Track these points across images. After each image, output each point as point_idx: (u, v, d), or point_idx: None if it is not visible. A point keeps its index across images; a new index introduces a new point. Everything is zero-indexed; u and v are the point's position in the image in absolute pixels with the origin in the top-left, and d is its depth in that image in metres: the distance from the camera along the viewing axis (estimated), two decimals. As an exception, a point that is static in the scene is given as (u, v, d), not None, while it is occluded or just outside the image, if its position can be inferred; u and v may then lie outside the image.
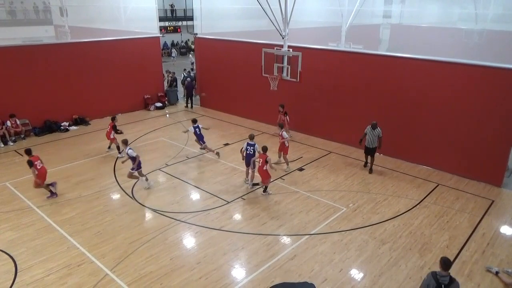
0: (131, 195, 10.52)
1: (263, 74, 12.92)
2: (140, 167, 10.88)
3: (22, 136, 14.81)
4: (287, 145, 11.87)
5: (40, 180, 10.13)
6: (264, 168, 10.17)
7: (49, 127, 15.66)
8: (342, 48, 14.15)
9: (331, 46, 14.42)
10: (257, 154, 10.69)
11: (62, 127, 15.92)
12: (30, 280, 7.35)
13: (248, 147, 10.72)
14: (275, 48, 12.63)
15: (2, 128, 14.22)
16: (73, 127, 16.25)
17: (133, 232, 8.83)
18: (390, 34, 23.81)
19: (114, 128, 13.04)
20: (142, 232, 8.84)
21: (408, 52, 12.47)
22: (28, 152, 10.28)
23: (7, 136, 14.28)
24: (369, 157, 11.94)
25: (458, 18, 22.28)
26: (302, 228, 8.99)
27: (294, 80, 12.16)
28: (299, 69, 11.84)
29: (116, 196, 10.59)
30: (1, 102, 14.46)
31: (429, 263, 7.82)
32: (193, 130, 12.85)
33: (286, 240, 8.59)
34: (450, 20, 22.72)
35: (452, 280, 5.63)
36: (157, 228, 8.97)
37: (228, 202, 10.11)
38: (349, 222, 9.23)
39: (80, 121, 16.62)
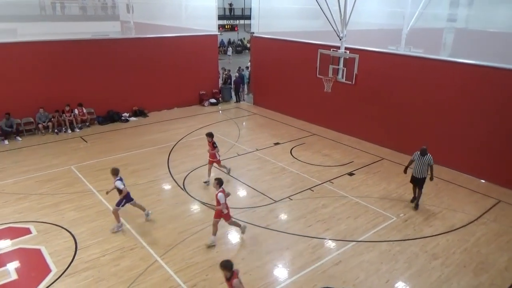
0: (182, 187, 10.93)
1: (317, 75, 12.83)
2: None
3: (87, 124, 15.94)
4: (225, 212, 8.29)
5: None
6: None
7: (111, 117, 16.68)
8: (401, 51, 13.65)
9: (390, 49, 13.96)
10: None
11: (123, 118, 16.91)
12: (88, 258, 7.89)
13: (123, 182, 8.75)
14: (332, 49, 12.49)
15: (70, 116, 15.40)
16: (133, 118, 17.19)
17: (183, 223, 9.18)
18: (454, 39, 22.53)
19: None
20: (191, 223, 9.16)
21: (474, 59, 11.75)
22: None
23: (74, 123, 15.46)
24: (416, 189, 10.08)
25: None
26: (349, 234, 8.84)
27: (349, 82, 11.95)
28: (355, 71, 11.61)
29: (168, 186, 11.05)
30: (71, 91, 15.63)
31: (484, 284, 7.36)
32: None
33: (331, 244, 8.50)
34: (525, 25, 20.99)
35: None
36: (205, 220, 9.24)
37: (275, 201, 10.18)
38: (398, 233, 8.92)
39: (139, 113, 17.54)
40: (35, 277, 7.38)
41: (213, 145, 10.87)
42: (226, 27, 41.86)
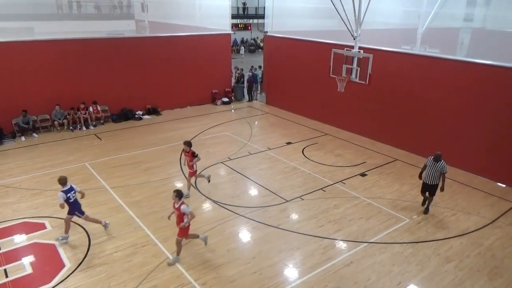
0: (194, 185, 10.99)
1: (330, 75, 12.75)
2: None
3: (102, 121, 16.14)
4: (186, 225, 7.70)
5: None
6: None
7: (125, 115, 16.87)
8: (416, 51, 13.47)
9: (405, 49, 13.79)
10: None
11: (136, 116, 17.09)
12: (101, 254, 8.00)
13: (67, 194, 8.01)
14: (345, 49, 12.40)
15: (85, 113, 15.64)
16: (146, 116, 17.36)
17: (194, 220, 9.16)
18: (470, 39, 22.14)
19: None
20: (203, 221, 9.20)
21: (491, 59, 11.51)
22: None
23: (89, 120, 15.69)
24: (426, 195, 9.72)
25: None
26: (361, 235, 8.77)
27: (363, 82, 11.84)
28: (369, 71, 11.50)
29: (180, 184, 11.11)
30: (86, 89, 15.86)
31: (499, 289, 7.24)
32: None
33: (343, 245, 8.44)
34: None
35: None
36: (216, 219, 9.29)
37: (287, 201, 10.16)
38: (411, 235, 8.82)
39: (153, 111, 17.69)
40: (49, 272, 7.51)
41: (192, 155, 10.03)
42: (239, 26, 41.92)
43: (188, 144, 10.13)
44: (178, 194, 7.63)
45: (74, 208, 8.32)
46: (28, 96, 14.71)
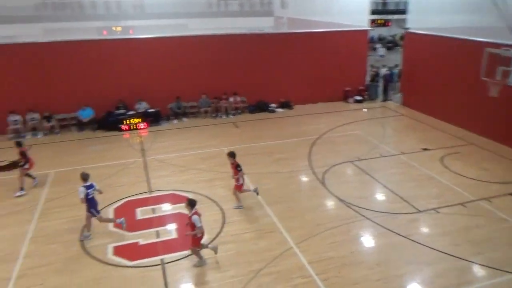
0: (321, 181, 11.11)
1: (481, 77, 11.38)
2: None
3: (239, 111, 17.49)
4: (199, 235, 7.48)
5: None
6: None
7: (261, 107, 17.90)
8: None
9: None
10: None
11: (270, 108, 17.97)
12: (232, 232, 8.75)
13: (88, 190, 8.26)
14: (502, 48, 10.87)
15: (226, 103, 17.15)
16: (279, 109, 18.13)
17: (320, 216, 9.37)
18: None
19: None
20: (328, 217, 9.28)
21: None
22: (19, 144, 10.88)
23: (229, 109, 17.16)
24: None
25: None
26: (507, 264, 7.67)
27: (525, 88, 10.27)
28: (534, 75, 9.91)
29: (307, 178, 11.37)
30: (228, 81, 17.30)
31: None
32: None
33: (482, 271, 7.53)
34: None
35: None
36: (342, 218, 9.24)
37: (419, 211, 9.50)
38: None
39: (285, 105, 18.35)
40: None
41: (236, 168, 9.43)
42: (377, 22, 40.12)
43: (231, 155, 9.51)
44: (190, 203, 7.39)
45: (91, 205, 8.42)
46: (181, 84, 16.78)
